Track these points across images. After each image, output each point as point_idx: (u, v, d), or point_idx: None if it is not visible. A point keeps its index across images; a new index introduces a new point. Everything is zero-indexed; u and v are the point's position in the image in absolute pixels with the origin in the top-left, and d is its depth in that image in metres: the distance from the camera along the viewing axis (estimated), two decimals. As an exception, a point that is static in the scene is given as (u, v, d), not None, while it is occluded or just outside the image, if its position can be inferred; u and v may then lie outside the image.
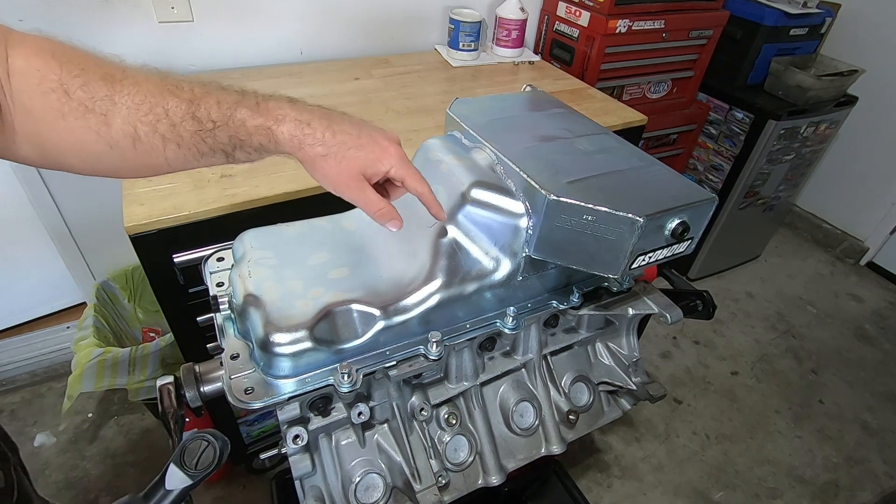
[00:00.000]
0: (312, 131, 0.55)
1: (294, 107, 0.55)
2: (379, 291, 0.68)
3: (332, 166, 0.56)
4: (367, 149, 0.57)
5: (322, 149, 0.55)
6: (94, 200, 1.75)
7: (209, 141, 0.54)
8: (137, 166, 0.55)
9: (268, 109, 0.54)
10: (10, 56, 0.48)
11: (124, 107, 0.50)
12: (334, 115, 0.58)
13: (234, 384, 0.63)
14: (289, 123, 0.54)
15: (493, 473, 0.80)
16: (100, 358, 1.51)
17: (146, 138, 0.52)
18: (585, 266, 0.68)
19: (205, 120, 0.52)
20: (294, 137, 0.55)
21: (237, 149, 0.55)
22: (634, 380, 0.92)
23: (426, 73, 1.84)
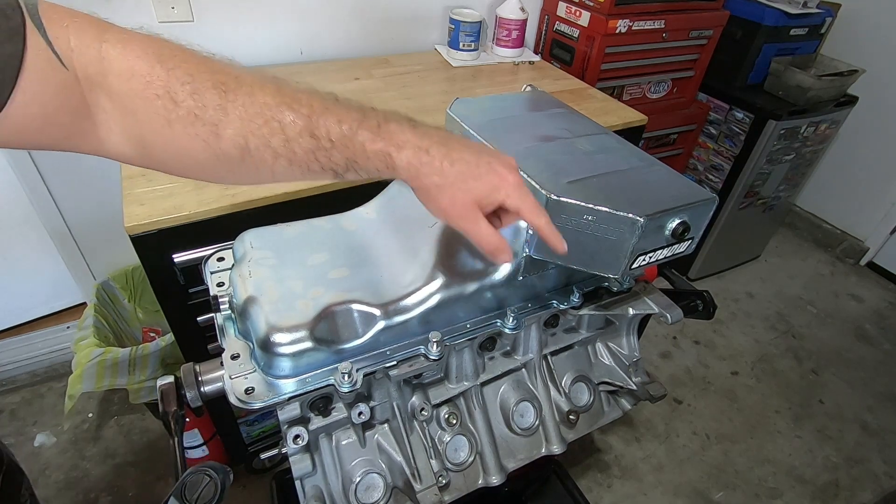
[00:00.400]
0: (430, 160, 0.52)
1: (415, 132, 0.53)
2: (379, 291, 0.68)
3: (447, 197, 0.54)
4: (485, 179, 0.53)
5: (438, 178, 0.53)
6: (95, 200, 1.75)
7: (322, 160, 0.51)
8: (241, 177, 0.54)
9: (389, 133, 0.51)
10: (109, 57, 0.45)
11: (237, 118, 0.48)
12: (452, 142, 0.54)
13: (234, 384, 0.63)
14: (408, 150, 0.51)
15: (493, 473, 0.81)
16: (100, 358, 1.51)
17: (256, 152, 0.50)
18: (586, 266, 0.68)
19: (323, 139, 0.50)
20: (412, 166, 0.52)
21: (349, 170, 0.52)
22: (635, 380, 0.92)
23: (426, 73, 1.84)
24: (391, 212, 0.81)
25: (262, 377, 0.64)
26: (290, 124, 0.49)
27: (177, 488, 0.53)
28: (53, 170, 1.65)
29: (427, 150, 0.52)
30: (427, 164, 0.52)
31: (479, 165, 0.53)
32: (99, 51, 0.45)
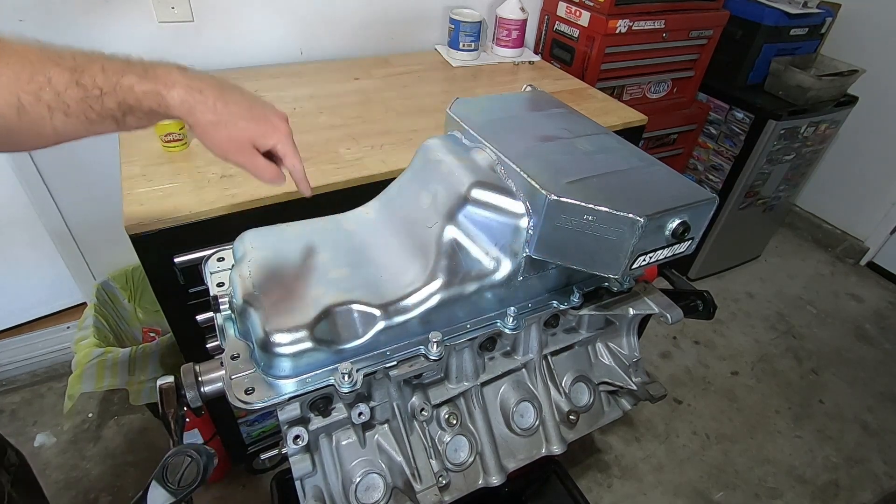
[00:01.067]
0: (204, 99, 0.56)
1: (184, 74, 0.56)
2: (379, 291, 0.68)
3: (223, 134, 0.59)
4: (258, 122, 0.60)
5: (213, 116, 0.57)
6: (94, 201, 1.75)
7: (97, 108, 0.53)
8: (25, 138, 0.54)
9: (157, 76, 0.54)
10: None
11: (4, 76, 0.49)
12: (226, 86, 0.59)
13: (234, 384, 0.63)
14: (180, 89, 0.55)
15: (493, 473, 0.80)
16: (100, 358, 1.51)
17: (31, 108, 0.51)
18: (586, 266, 0.68)
19: (90, 87, 0.52)
20: (185, 102, 0.55)
21: (127, 114, 0.55)
22: (635, 380, 0.92)
23: (426, 73, 1.84)
24: (391, 212, 0.80)
25: (262, 377, 0.64)
26: (56, 77, 0.50)
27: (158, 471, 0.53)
28: (53, 170, 1.65)
29: (200, 91, 0.56)
30: (201, 102, 0.56)
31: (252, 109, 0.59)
32: None
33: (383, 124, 1.46)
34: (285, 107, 1.50)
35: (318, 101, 1.56)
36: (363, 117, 1.49)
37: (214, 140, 0.59)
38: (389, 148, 1.34)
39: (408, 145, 1.35)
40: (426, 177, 0.77)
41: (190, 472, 0.54)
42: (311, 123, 1.43)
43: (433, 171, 0.76)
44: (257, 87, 1.58)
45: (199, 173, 1.20)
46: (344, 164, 1.27)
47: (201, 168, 1.22)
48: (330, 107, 1.53)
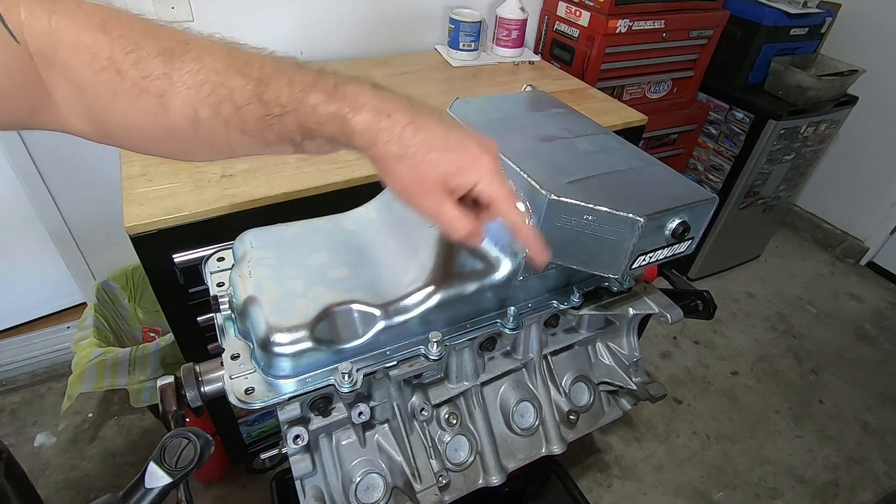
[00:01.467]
0: (391, 125, 0.46)
1: (377, 94, 0.47)
2: (379, 291, 0.68)
3: (407, 171, 0.48)
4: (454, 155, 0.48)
5: (398, 148, 0.47)
6: (95, 200, 1.75)
7: (276, 128, 0.47)
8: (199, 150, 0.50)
9: (346, 95, 0.46)
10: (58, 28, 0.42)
11: (183, 86, 0.44)
12: (422, 110, 0.48)
13: (234, 384, 0.63)
14: (367, 113, 0.46)
15: (493, 473, 0.80)
16: (100, 358, 1.51)
17: (207, 122, 0.46)
18: (586, 266, 0.68)
19: (272, 104, 0.46)
20: (368, 131, 0.46)
21: (306, 139, 0.48)
22: (635, 380, 0.92)
23: (426, 74, 1.84)
24: (391, 212, 0.80)
25: (262, 377, 0.64)
26: (238, 90, 0.45)
27: (156, 452, 0.53)
28: (53, 170, 1.65)
29: (389, 115, 0.46)
30: (387, 129, 0.46)
31: (448, 139, 0.48)
32: (49, 22, 0.42)
33: (383, 124, 1.46)
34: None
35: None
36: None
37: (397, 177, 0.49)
38: (389, 148, 1.34)
39: (408, 145, 1.35)
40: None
41: (187, 454, 0.54)
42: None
43: (433, 171, 0.76)
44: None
45: (199, 173, 1.20)
46: (344, 164, 1.27)
47: (201, 168, 1.22)
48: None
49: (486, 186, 0.48)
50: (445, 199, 0.49)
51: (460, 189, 0.49)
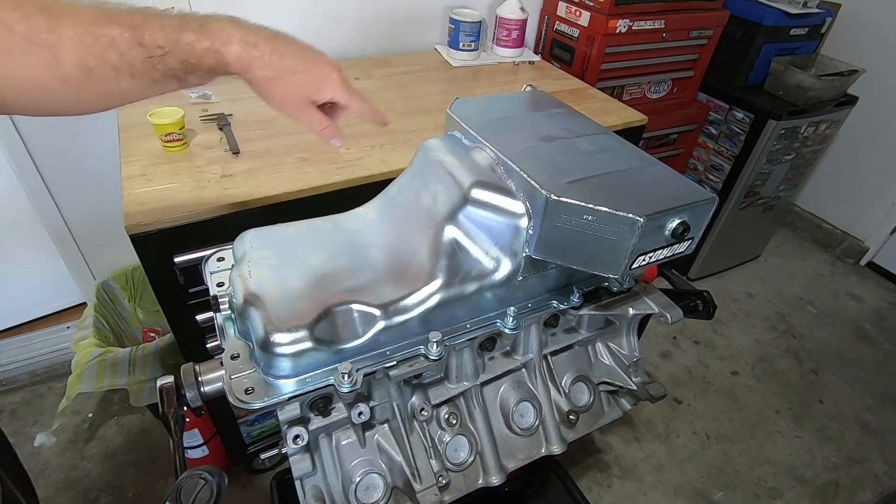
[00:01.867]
0: (260, 54, 0.55)
1: (238, 27, 0.55)
2: (379, 291, 0.68)
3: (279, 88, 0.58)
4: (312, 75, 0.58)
5: (269, 72, 0.56)
6: (95, 200, 1.75)
7: (160, 67, 0.53)
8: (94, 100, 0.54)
9: (212, 31, 0.53)
10: None
11: (69, 39, 0.49)
12: (279, 38, 0.58)
13: (234, 384, 0.63)
14: (236, 45, 0.54)
15: (493, 473, 0.80)
16: (100, 358, 1.51)
17: (98, 70, 0.51)
18: (586, 266, 0.68)
19: (152, 46, 0.51)
20: (242, 59, 0.55)
21: (189, 73, 0.55)
22: (635, 380, 0.91)
23: (426, 73, 1.84)
24: (391, 212, 0.80)
25: (262, 377, 0.63)
26: (118, 38, 0.50)
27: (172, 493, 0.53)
28: (54, 170, 1.65)
29: (255, 45, 0.55)
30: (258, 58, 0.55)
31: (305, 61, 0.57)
32: None
33: (383, 124, 1.46)
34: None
35: (318, 101, 1.55)
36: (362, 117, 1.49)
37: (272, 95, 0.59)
38: (389, 148, 1.34)
39: (408, 145, 1.35)
40: (426, 177, 0.77)
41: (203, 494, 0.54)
42: None
43: (433, 171, 0.76)
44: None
45: (199, 173, 1.20)
46: (344, 164, 1.27)
47: (201, 168, 1.22)
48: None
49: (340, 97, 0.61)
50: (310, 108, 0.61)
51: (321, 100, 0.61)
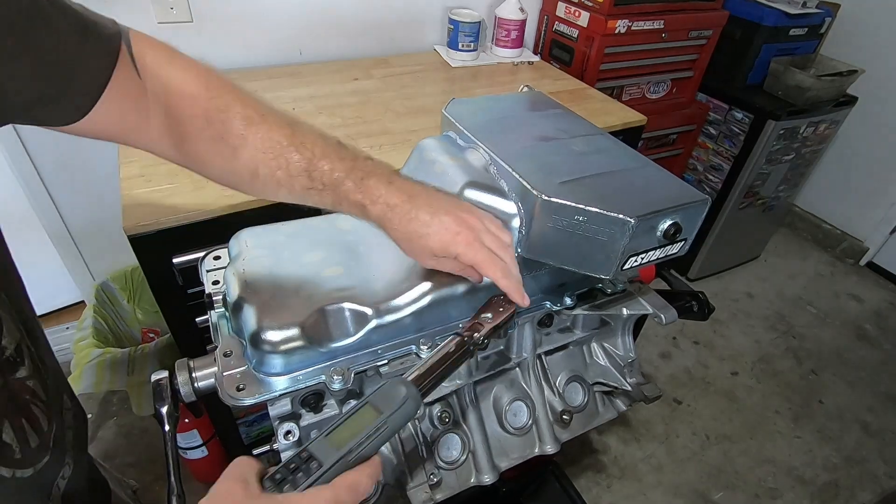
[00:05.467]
0: (392, 216, 0.60)
1: (389, 188, 0.60)
2: (372, 290, 0.68)
3: (409, 248, 0.63)
4: (434, 238, 0.61)
5: (398, 234, 0.62)
6: (94, 201, 1.75)
7: (315, 197, 0.61)
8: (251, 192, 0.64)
9: (368, 188, 0.60)
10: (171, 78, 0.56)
11: (253, 146, 0.58)
12: (419, 199, 0.61)
13: (226, 380, 0.63)
14: (379, 206, 0.60)
15: (485, 472, 0.81)
16: (99, 359, 1.52)
17: (264, 178, 0.60)
18: (577, 267, 0.68)
19: (317, 181, 0.59)
20: (380, 219, 0.61)
21: (337, 207, 0.62)
22: (630, 380, 0.92)
23: (425, 74, 1.84)
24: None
25: (254, 374, 0.64)
26: (294, 164, 0.58)
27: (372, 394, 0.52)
28: (53, 171, 1.66)
29: (392, 208, 0.60)
30: (390, 220, 0.61)
31: (430, 225, 0.61)
32: (168, 73, 0.56)
33: (382, 125, 1.47)
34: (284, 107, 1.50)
35: (318, 101, 1.56)
36: (362, 117, 1.49)
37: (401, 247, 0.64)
38: (388, 148, 1.34)
39: (406, 145, 1.35)
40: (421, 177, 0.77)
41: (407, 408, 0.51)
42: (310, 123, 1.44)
43: (427, 171, 0.77)
44: (257, 88, 1.58)
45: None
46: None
47: (199, 168, 1.22)
48: (329, 107, 1.53)
49: (465, 257, 0.61)
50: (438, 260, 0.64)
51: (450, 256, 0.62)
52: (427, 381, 0.55)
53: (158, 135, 0.59)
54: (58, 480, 0.56)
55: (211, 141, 0.58)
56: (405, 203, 0.60)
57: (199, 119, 0.57)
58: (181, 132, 0.58)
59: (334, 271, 0.71)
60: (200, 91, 0.57)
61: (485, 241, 0.62)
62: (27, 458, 0.50)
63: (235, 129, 0.58)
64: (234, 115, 0.58)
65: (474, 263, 0.62)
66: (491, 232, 0.64)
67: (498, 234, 0.65)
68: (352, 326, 0.66)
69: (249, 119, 0.58)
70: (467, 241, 0.61)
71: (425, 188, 0.63)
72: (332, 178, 0.59)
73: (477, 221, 0.63)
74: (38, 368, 0.55)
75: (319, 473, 0.44)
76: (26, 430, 0.50)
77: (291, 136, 0.59)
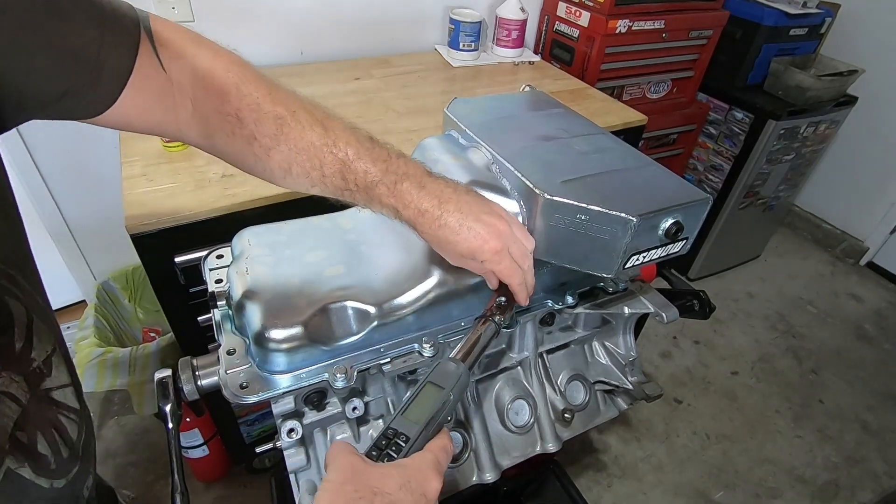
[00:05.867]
0: (424, 221, 0.61)
1: (420, 192, 0.61)
2: (374, 289, 0.69)
3: (438, 249, 0.65)
4: (463, 244, 0.62)
5: (430, 237, 0.63)
6: (95, 201, 1.76)
7: (347, 197, 0.61)
8: (284, 185, 0.63)
9: (400, 192, 0.60)
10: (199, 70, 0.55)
11: (286, 146, 0.58)
12: (449, 205, 0.62)
13: (229, 379, 0.63)
14: (411, 210, 0.61)
15: (487, 470, 0.81)
16: (100, 358, 1.52)
17: (296, 176, 0.60)
18: (579, 265, 0.68)
19: (350, 182, 0.60)
20: (411, 222, 0.62)
21: (368, 206, 0.63)
22: (631, 379, 0.92)
23: (426, 74, 1.84)
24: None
25: (257, 372, 0.64)
26: (328, 165, 0.59)
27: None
28: (54, 170, 1.66)
29: (423, 213, 0.61)
30: (422, 223, 0.61)
31: (459, 232, 0.61)
32: (193, 64, 0.55)
33: (383, 124, 1.47)
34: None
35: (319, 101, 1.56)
36: (363, 117, 1.50)
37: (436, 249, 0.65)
38: (388, 148, 1.34)
39: (407, 145, 1.34)
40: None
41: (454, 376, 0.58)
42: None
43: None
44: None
45: (200, 173, 1.21)
46: (343, 163, 1.27)
47: (201, 168, 1.22)
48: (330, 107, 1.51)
49: (490, 264, 0.63)
50: (466, 262, 0.64)
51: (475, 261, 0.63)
52: (470, 358, 0.61)
53: (186, 126, 0.58)
54: (84, 490, 0.56)
55: (243, 140, 0.58)
56: (435, 209, 0.61)
57: (230, 118, 0.56)
58: (211, 128, 0.58)
59: (337, 270, 0.71)
60: (231, 89, 0.56)
61: (511, 250, 0.63)
62: (60, 468, 0.50)
63: (268, 131, 0.57)
64: (266, 116, 0.57)
65: (497, 272, 0.63)
66: (518, 240, 0.65)
67: (523, 242, 0.65)
68: (354, 325, 0.67)
69: (282, 120, 0.57)
70: (494, 249, 0.62)
71: (456, 191, 0.64)
72: (367, 181, 0.60)
73: (506, 228, 0.63)
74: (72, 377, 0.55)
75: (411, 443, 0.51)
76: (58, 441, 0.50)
77: (325, 136, 0.59)
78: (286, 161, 0.59)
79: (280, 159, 0.59)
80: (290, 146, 0.58)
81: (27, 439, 0.46)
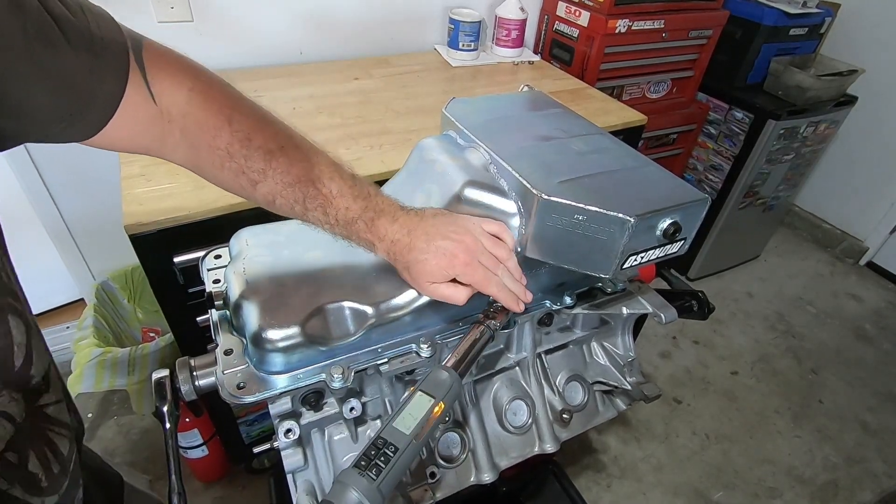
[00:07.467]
0: (396, 250, 0.64)
1: (393, 226, 0.64)
2: (372, 289, 0.69)
3: (409, 278, 0.66)
4: (432, 263, 0.64)
5: (401, 265, 0.66)
6: (94, 200, 1.75)
7: (327, 229, 0.64)
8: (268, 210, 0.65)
9: (377, 227, 0.64)
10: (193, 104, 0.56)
11: (272, 180, 0.60)
12: (417, 230, 0.64)
13: (226, 379, 0.63)
14: (385, 243, 0.64)
15: (485, 471, 0.81)
16: (99, 358, 1.52)
17: (280, 206, 0.63)
18: (577, 266, 0.68)
19: (331, 217, 0.63)
20: (386, 253, 0.65)
21: (346, 240, 0.66)
22: (629, 380, 0.92)
23: (426, 73, 1.84)
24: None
25: (255, 373, 0.64)
26: (311, 199, 0.61)
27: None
28: (53, 170, 1.66)
29: (395, 243, 0.64)
30: (394, 252, 0.65)
31: (427, 252, 0.64)
32: (187, 97, 0.55)
33: (382, 124, 1.47)
34: (285, 107, 1.51)
35: (318, 101, 1.56)
36: (363, 117, 1.50)
37: (403, 275, 0.67)
38: (388, 148, 1.34)
39: (407, 145, 1.35)
40: (421, 176, 0.78)
41: None
42: (311, 123, 1.44)
43: (427, 170, 0.77)
44: (257, 87, 1.59)
45: (198, 173, 1.20)
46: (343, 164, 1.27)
47: (200, 168, 1.22)
48: (329, 107, 1.53)
49: (464, 278, 0.65)
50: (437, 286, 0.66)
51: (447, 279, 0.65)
52: (462, 366, 0.62)
53: (172, 152, 0.59)
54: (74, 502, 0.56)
55: (231, 173, 0.59)
56: (405, 237, 0.64)
57: (220, 151, 0.58)
58: (199, 158, 0.59)
59: (334, 270, 0.71)
60: (223, 124, 0.57)
61: (482, 260, 0.65)
62: (52, 485, 0.50)
63: (256, 166, 0.59)
64: (256, 150, 0.58)
65: (472, 283, 0.65)
66: (485, 251, 0.66)
67: (493, 251, 0.67)
68: (352, 325, 0.67)
69: (270, 154, 0.59)
70: (464, 262, 0.64)
71: (423, 218, 0.66)
72: (346, 217, 0.63)
73: (472, 241, 0.65)
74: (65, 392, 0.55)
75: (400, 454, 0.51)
76: (49, 458, 0.50)
77: (310, 171, 0.61)
78: (271, 194, 0.61)
79: (265, 192, 0.61)
80: (277, 180, 0.60)
81: (17, 459, 0.46)
